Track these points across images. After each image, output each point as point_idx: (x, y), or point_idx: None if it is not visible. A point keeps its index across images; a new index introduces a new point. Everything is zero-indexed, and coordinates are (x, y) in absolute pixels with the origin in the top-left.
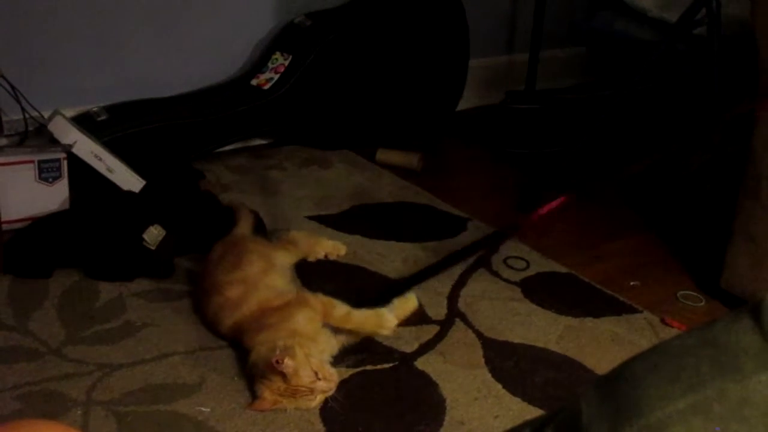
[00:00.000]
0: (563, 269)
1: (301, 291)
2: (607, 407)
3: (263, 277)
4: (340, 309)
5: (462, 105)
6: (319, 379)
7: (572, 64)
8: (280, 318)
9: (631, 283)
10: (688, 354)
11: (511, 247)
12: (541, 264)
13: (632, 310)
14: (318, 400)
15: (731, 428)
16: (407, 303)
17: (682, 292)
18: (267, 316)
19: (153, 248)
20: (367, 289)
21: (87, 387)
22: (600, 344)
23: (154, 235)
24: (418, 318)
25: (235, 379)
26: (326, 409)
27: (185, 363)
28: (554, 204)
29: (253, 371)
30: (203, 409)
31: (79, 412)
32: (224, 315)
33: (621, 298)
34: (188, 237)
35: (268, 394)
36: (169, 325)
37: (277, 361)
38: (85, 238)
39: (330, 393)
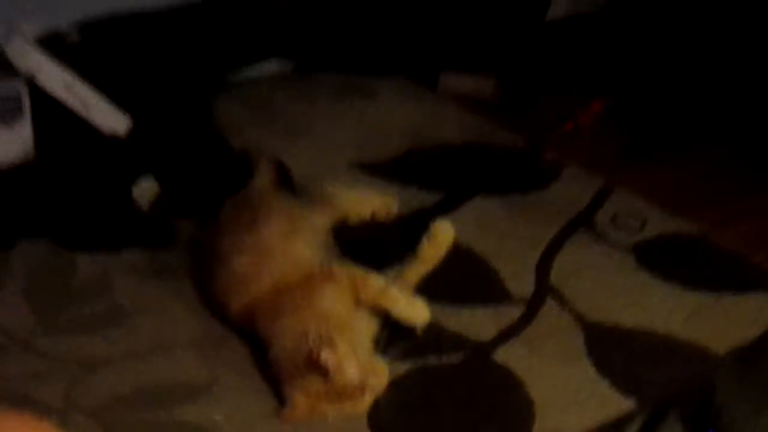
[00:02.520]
0: (692, 230)
1: (331, 262)
2: (750, 387)
3: (282, 244)
4: (375, 283)
5: (552, 13)
6: (368, 375)
7: None
8: (303, 298)
9: None
10: None
11: (622, 201)
12: (662, 223)
13: None
14: (368, 401)
15: None
16: (440, 235)
17: None
18: (285, 296)
19: (145, 209)
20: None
21: (64, 389)
22: (739, 328)
23: (145, 191)
24: (496, 295)
25: (256, 377)
26: (377, 415)
27: (190, 357)
28: (592, 110)
29: (278, 370)
30: (215, 417)
31: (54, 420)
32: (231, 294)
33: None
34: (190, 194)
35: (302, 398)
36: (168, 308)
37: (315, 356)
38: (57, 198)
39: (380, 390)
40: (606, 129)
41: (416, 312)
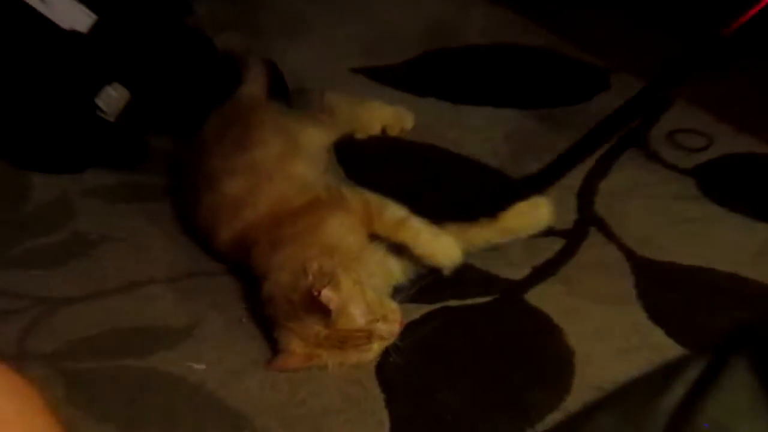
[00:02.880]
0: (765, 151)
1: (338, 186)
2: None
3: (280, 165)
4: (393, 212)
5: None
6: (377, 320)
7: None
8: (306, 226)
9: None
10: None
11: (680, 114)
12: (728, 141)
13: None
14: (375, 351)
15: None
16: (530, 214)
17: None
18: (285, 223)
19: (112, 120)
20: (449, 185)
21: (18, 332)
22: None
23: (112, 99)
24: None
25: (244, 320)
26: (386, 367)
27: (167, 296)
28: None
29: (271, 311)
30: (196, 366)
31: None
32: (221, 223)
33: None
34: (167, 104)
35: (298, 344)
36: (141, 238)
37: (315, 293)
38: (7, 109)
39: (392, 340)
40: (665, 27)
41: (443, 249)
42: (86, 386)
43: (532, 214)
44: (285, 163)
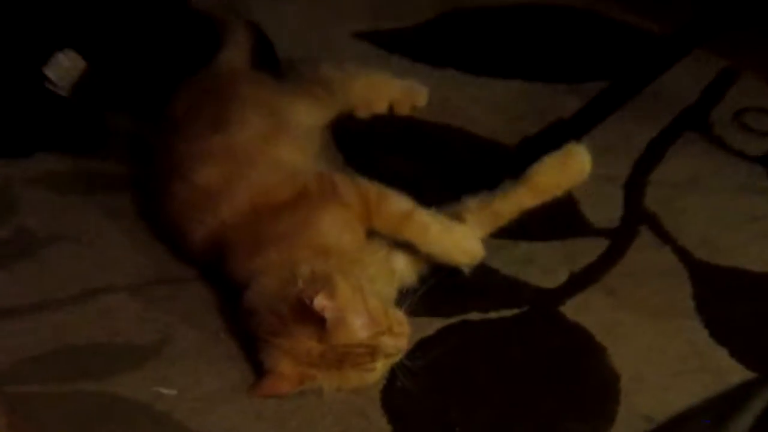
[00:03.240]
0: None
1: (331, 174)
2: None
3: (264, 148)
4: (395, 204)
5: None
6: (382, 333)
7: None
8: (294, 223)
9: None
10: None
11: (748, 90)
12: None
13: None
14: (379, 371)
15: None
16: (567, 164)
17: None
18: (269, 220)
19: (64, 94)
20: (469, 175)
21: None
22: None
23: (65, 69)
24: (568, 224)
25: (222, 336)
26: (393, 393)
27: (130, 307)
28: None
29: (255, 324)
30: (165, 391)
31: None
32: (193, 219)
33: None
34: (131, 74)
35: (287, 364)
36: (99, 238)
37: (307, 302)
38: None
39: (398, 358)
40: None
41: (458, 244)
42: (32, 414)
43: (569, 164)
44: (269, 147)
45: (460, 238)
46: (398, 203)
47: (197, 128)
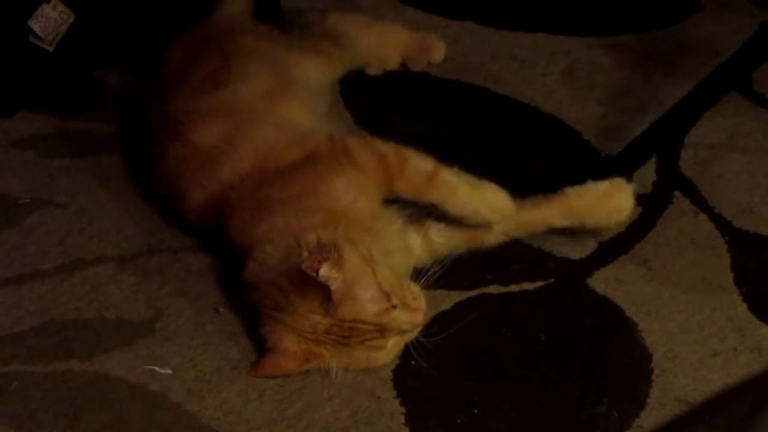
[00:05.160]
0: None
1: (343, 135)
2: None
3: (268, 106)
4: (418, 165)
5: None
6: (394, 306)
7: None
8: (302, 187)
9: None
10: None
11: None
12: None
13: None
14: (392, 350)
15: None
16: (609, 199)
17: None
18: (274, 183)
19: (50, 48)
20: (490, 136)
21: None
22: None
23: (51, 21)
24: None
25: (221, 311)
26: (407, 372)
27: (121, 280)
28: None
29: (256, 297)
30: (159, 370)
31: None
32: (190, 182)
33: None
34: (120, 26)
35: (291, 340)
36: (87, 204)
37: (312, 271)
38: None
39: (414, 335)
40: None
41: (488, 201)
42: (16, 396)
43: (611, 198)
44: (274, 105)
45: (490, 195)
46: (421, 164)
47: (195, 85)
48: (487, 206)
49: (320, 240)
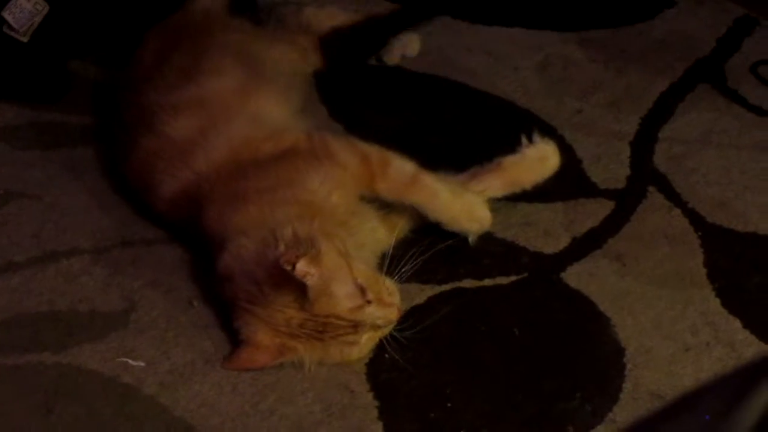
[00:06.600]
0: None
1: (321, 131)
2: None
3: (243, 100)
4: (401, 168)
5: None
6: (369, 302)
7: None
8: (277, 179)
9: None
10: None
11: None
12: None
13: None
14: (365, 345)
15: None
16: (539, 160)
17: None
18: (249, 175)
19: (24, 39)
20: (463, 129)
21: None
22: None
23: (25, 12)
24: (571, 185)
25: (194, 304)
26: (380, 366)
27: (94, 272)
28: None
29: (230, 291)
30: (132, 362)
31: None
32: (163, 174)
33: None
34: (96, 18)
35: (265, 333)
36: (61, 196)
37: (288, 265)
38: None
39: (388, 330)
40: None
41: (468, 211)
42: None
43: (544, 163)
44: (248, 99)
45: (470, 205)
46: (403, 167)
47: (169, 77)
48: (468, 216)
49: (297, 234)
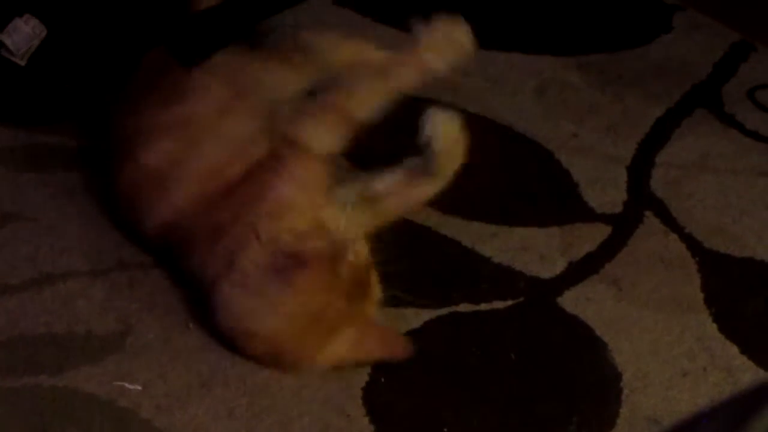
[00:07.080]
0: None
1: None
2: None
3: (217, 120)
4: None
5: None
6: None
7: None
8: (248, 196)
9: None
10: None
11: (764, 65)
12: None
13: None
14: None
15: None
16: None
17: None
18: (221, 206)
19: (21, 63)
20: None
21: None
22: None
23: (23, 36)
24: (566, 208)
25: (191, 326)
26: (376, 390)
27: (91, 294)
28: None
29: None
30: (129, 386)
31: None
32: (144, 204)
33: None
34: (94, 43)
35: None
36: (57, 218)
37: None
38: None
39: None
40: None
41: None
42: None
43: (453, 37)
44: (222, 120)
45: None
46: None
47: (150, 101)
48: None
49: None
